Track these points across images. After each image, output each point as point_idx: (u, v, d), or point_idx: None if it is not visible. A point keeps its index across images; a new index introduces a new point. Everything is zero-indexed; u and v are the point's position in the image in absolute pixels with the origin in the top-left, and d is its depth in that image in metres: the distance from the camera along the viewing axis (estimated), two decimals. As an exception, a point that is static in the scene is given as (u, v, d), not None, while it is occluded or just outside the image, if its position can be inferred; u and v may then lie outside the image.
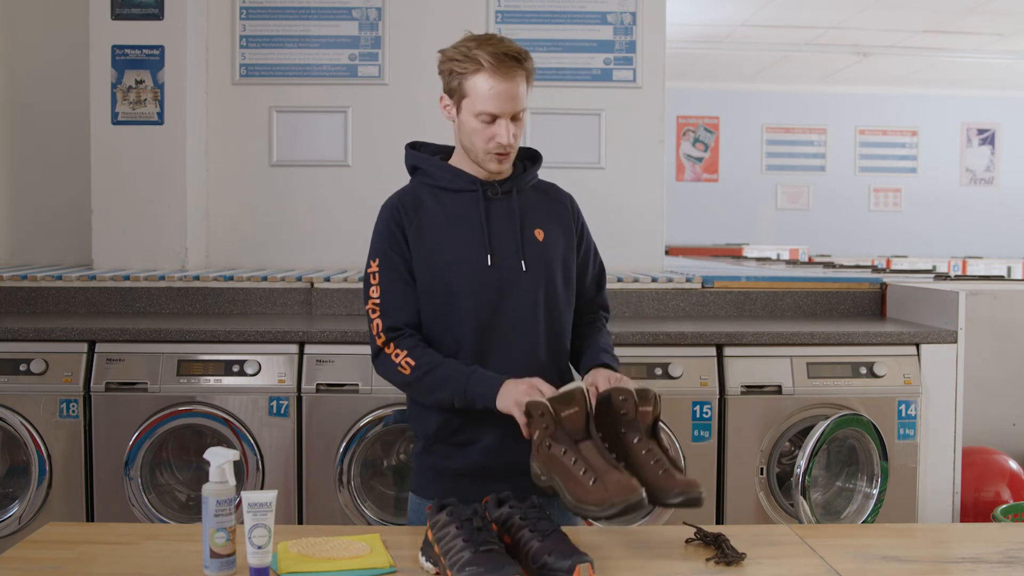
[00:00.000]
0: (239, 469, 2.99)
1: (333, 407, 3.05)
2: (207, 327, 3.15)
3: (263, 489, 3.02)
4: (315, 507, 3.06)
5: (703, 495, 1.74)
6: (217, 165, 4.13)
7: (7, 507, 3.08)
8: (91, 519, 3.06)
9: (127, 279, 3.66)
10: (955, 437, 3.20)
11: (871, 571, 1.74)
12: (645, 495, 1.68)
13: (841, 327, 3.31)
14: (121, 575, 1.70)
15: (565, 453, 1.74)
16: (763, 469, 3.12)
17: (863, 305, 3.76)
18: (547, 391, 1.91)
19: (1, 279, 3.64)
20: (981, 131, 10.70)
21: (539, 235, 2.14)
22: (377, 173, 4.04)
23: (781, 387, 3.12)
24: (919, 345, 3.19)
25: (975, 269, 8.17)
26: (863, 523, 3.06)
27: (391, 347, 2.08)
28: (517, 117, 2.05)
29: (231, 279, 3.68)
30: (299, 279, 3.68)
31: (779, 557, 1.80)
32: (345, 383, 3.05)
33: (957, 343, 3.18)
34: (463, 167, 2.14)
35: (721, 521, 3.13)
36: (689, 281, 3.74)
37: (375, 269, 2.12)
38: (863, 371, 3.14)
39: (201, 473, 2.68)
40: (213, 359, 3.08)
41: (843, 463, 3.23)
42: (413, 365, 2.05)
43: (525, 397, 1.90)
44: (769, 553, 1.81)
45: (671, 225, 5.18)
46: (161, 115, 3.93)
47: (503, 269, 2.09)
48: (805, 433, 3.06)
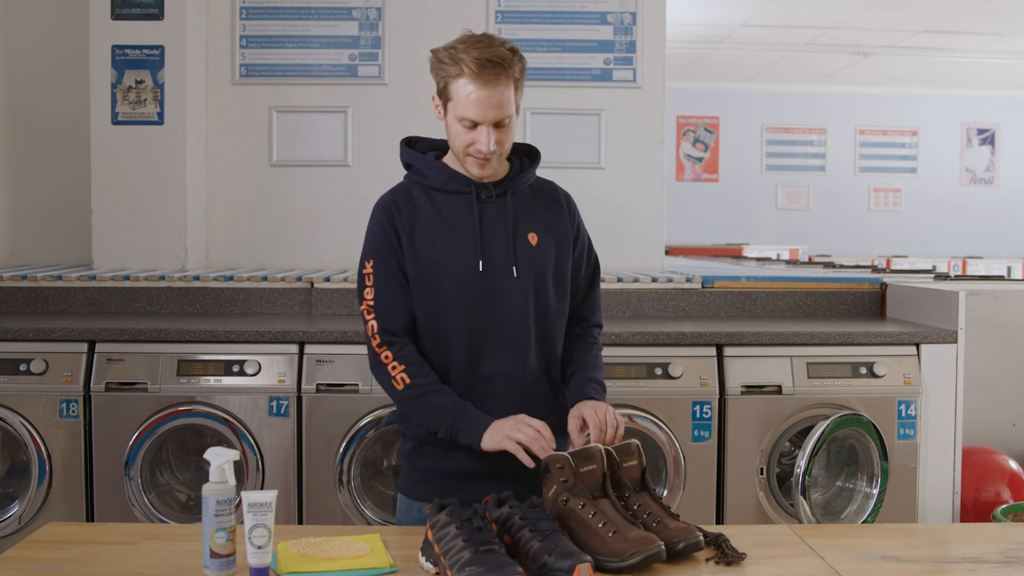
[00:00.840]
0: (239, 469, 2.98)
1: (333, 407, 3.05)
2: (207, 327, 3.15)
3: (263, 489, 3.02)
4: (315, 507, 3.06)
5: (702, 540, 1.76)
6: (217, 165, 4.13)
7: (7, 507, 3.08)
8: (91, 519, 3.06)
9: (127, 279, 3.66)
10: (955, 437, 3.19)
11: (871, 571, 1.74)
12: (664, 547, 1.69)
13: (841, 327, 3.31)
14: (121, 575, 1.70)
15: (583, 507, 1.76)
16: (763, 469, 3.12)
17: (863, 305, 3.76)
18: (537, 425, 1.95)
19: (1, 279, 3.64)
20: (981, 131, 10.70)
21: (532, 239, 2.13)
22: (377, 173, 4.01)
23: (781, 387, 3.12)
24: (919, 345, 3.19)
25: (975, 269, 8.16)
26: (863, 523, 3.05)
27: (388, 357, 2.07)
28: (502, 124, 2.01)
29: (231, 279, 3.68)
30: (299, 279, 3.68)
31: (779, 557, 1.80)
32: (345, 383, 3.05)
33: (957, 343, 3.18)
34: (457, 167, 2.12)
35: (721, 521, 3.13)
36: (689, 281, 3.74)
37: (370, 270, 2.11)
38: (863, 371, 3.14)
39: (201, 473, 2.68)
40: (213, 359, 3.08)
41: (843, 463, 3.23)
42: (408, 383, 2.06)
43: (515, 432, 1.94)
44: (769, 553, 1.81)
45: (671, 225, 5.18)
46: (161, 115, 3.93)
47: (494, 275, 2.08)
48: (805, 433, 3.06)
